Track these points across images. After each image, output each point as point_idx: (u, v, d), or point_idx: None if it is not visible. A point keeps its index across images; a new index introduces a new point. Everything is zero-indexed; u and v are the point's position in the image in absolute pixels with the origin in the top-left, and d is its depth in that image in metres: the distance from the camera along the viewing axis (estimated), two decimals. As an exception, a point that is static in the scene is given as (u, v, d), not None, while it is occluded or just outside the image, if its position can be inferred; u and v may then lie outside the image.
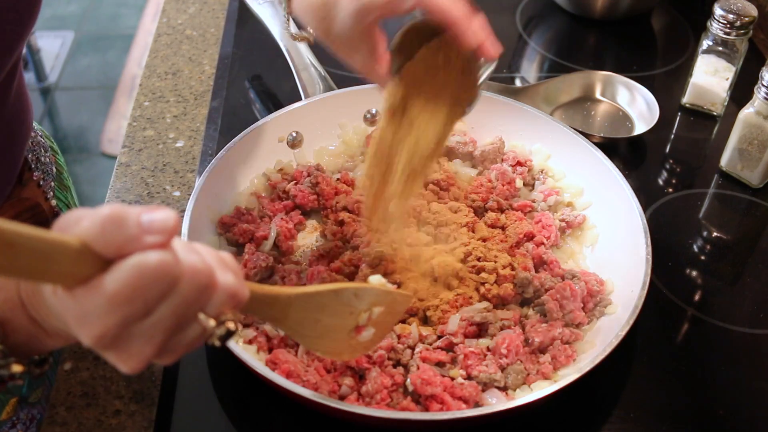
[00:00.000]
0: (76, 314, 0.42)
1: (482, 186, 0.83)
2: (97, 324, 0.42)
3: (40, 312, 0.47)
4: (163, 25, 1.15)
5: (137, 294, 0.41)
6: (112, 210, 0.41)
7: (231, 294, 0.45)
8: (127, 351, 0.44)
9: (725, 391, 0.70)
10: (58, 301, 0.43)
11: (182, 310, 0.43)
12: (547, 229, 0.79)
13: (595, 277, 0.75)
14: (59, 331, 0.48)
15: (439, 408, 0.63)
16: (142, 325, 0.43)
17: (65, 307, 0.42)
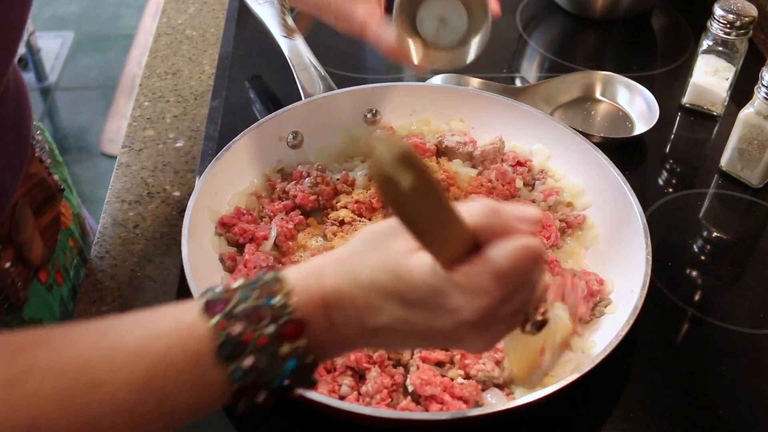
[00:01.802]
0: (468, 287, 0.45)
1: (482, 186, 0.83)
2: (486, 298, 0.45)
3: (347, 312, 0.47)
4: (163, 25, 1.15)
5: (517, 275, 0.45)
6: (488, 202, 0.46)
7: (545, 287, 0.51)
8: (488, 327, 0.47)
9: (725, 391, 0.70)
10: (436, 280, 0.45)
11: (531, 294, 0.48)
12: (547, 229, 0.79)
13: (595, 276, 0.75)
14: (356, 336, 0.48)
15: (439, 408, 0.63)
16: (508, 306, 0.46)
17: (449, 285, 0.45)
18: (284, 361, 0.45)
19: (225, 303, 0.46)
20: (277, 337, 0.45)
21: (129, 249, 0.81)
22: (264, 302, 0.46)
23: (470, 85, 1.00)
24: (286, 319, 0.45)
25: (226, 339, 0.44)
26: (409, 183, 0.40)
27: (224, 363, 0.45)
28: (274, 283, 0.47)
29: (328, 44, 1.10)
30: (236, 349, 0.45)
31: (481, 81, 1.00)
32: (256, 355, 0.45)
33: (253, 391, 0.46)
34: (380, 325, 0.47)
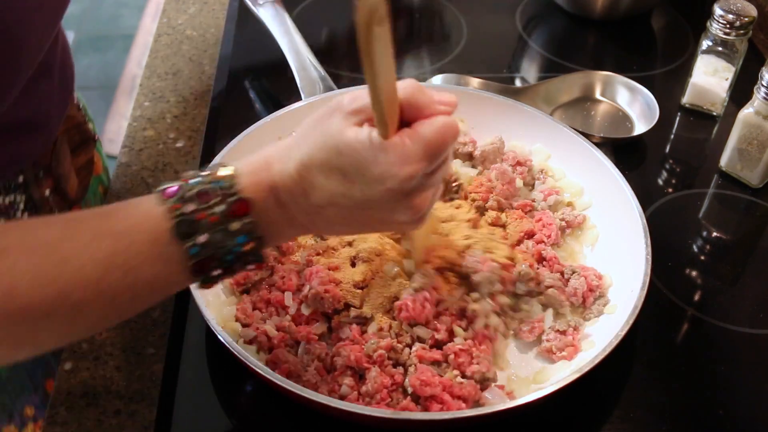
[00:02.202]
0: (398, 155, 0.51)
1: (482, 185, 0.83)
2: (414, 165, 0.51)
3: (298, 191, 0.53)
4: (164, 25, 1.15)
5: (441, 148, 0.52)
6: (411, 81, 0.53)
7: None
8: (415, 196, 0.53)
9: (725, 391, 0.70)
10: (371, 146, 0.51)
11: (447, 169, 0.55)
12: (547, 227, 0.79)
13: (593, 271, 0.75)
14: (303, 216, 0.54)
15: (439, 408, 0.63)
16: (432, 177, 0.53)
17: (384, 150, 0.51)
18: (235, 236, 0.52)
19: (178, 188, 0.52)
20: (227, 215, 0.51)
21: (129, 249, 0.80)
22: (214, 185, 0.52)
23: (470, 85, 1.00)
24: (234, 198, 0.51)
25: (182, 218, 0.51)
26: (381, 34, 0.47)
27: (181, 240, 0.51)
28: (222, 170, 0.53)
29: (328, 44, 1.11)
30: (191, 227, 0.51)
31: (481, 81, 1.00)
32: (210, 232, 0.51)
33: (209, 265, 0.52)
34: (324, 201, 0.53)
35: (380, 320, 0.69)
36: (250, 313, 0.70)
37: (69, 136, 0.80)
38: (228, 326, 0.69)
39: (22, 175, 0.72)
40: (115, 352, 0.71)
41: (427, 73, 1.06)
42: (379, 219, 0.55)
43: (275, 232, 0.55)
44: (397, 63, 0.56)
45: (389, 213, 0.54)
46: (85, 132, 0.85)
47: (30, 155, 0.73)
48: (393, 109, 0.52)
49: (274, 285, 0.73)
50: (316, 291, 0.69)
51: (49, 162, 0.76)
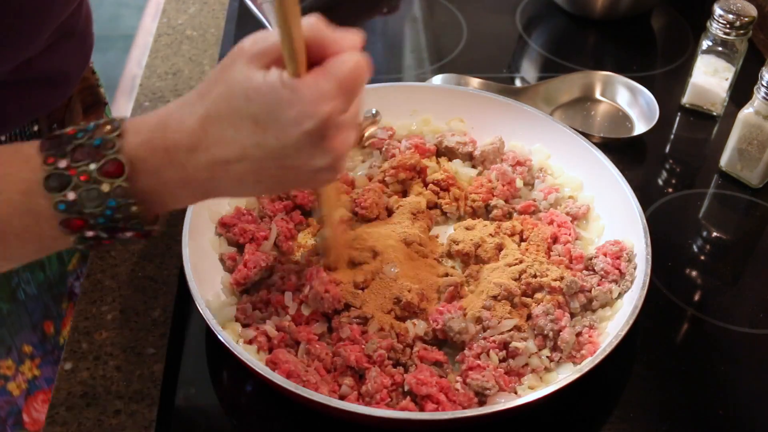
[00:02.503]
0: (313, 93, 0.47)
1: (482, 186, 0.83)
2: (329, 103, 0.48)
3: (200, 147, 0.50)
4: (164, 25, 1.15)
5: (355, 84, 0.49)
6: (315, 17, 0.50)
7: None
8: (332, 138, 0.50)
9: (725, 391, 0.70)
10: (285, 91, 0.48)
11: (359, 107, 0.52)
12: (565, 227, 0.79)
13: (607, 243, 0.75)
14: (203, 174, 0.51)
15: (434, 408, 0.63)
16: (346, 116, 0.50)
17: (296, 89, 0.47)
18: (105, 198, 0.49)
19: (59, 140, 0.50)
20: (97, 175, 0.49)
21: (129, 249, 0.81)
22: (93, 142, 0.49)
23: (470, 85, 1.00)
24: (108, 158, 0.49)
25: (54, 172, 0.49)
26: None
27: (50, 194, 0.49)
28: (106, 126, 0.50)
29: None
30: (61, 182, 0.49)
31: (481, 81, 1.00)
32: (78, 190, 0.49)
33: (77, 225, 0.50)
34: (233, 155, 0.50)
35: (381, 320, 0.70)
36: (250, 314, 0.70)
37: (82, 97, 0.84)
38: (228, 326, 0.69)
39: (37, 125, 0.75)
40: (115, 352, 0.71)
41: (427, 73, 1.06)
42: (295, 168, 0.51)
43: (166, 195, 0.52)
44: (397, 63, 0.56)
45: (307, 158, 0.50)
46: (98, 95, 0.89)
47: (45, 108, 0.75)
48: (301, 47, 0.48)
49: (274, 285, 0.73)
50: (317, 291, 0.69)
51: (62, 117, 0.79)
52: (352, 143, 0.53)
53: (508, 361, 0.67)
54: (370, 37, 1.20)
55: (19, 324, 0.81)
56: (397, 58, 1.12)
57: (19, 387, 0.84)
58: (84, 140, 0.50)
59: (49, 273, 0.83)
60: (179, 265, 0.78)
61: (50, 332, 0.84)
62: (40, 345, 0.83)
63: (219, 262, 0.76)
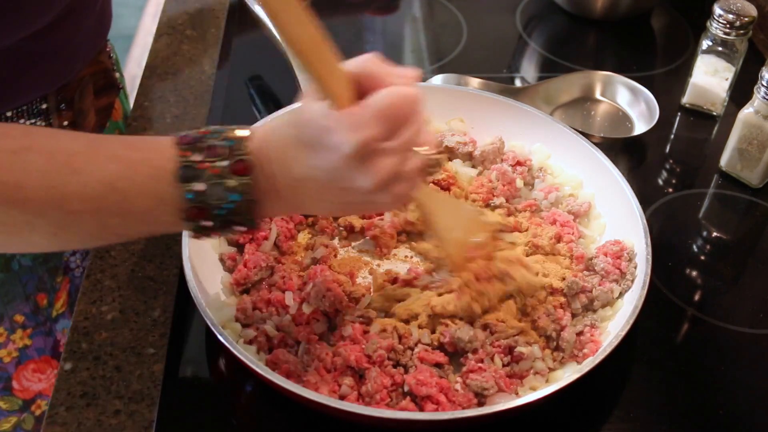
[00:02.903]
0: (349, 123, 0.53)
1: (482, 186, 0.83)
2: (365, 131, 0.53)
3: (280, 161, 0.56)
4: (163, 25, 1.15)
5: (394, 113, 0.54)
6: (369, 55, 0.57)
7: (432, 133, 0.61)
8: (374, 163, 0.54)
9: (725, 391, 0.70)
10: (326, 121, 0.53)
11: (414, 137, 0.56)
12: (568, 226, 0.79)
13: (608, 243, 0.75)
14: (286, 188, 0.57)
15: (434, 408, 0.63)
16: (388, 144, 0.54)
17: (337, 119, 0.53)
18: (230, 192, 0.55)
19: (193, 138, 0.55)
20: (227, 171, 0.55)
21: (129, 249, 0.81)
22: (225, 143, 0.55)
23: (470, 85, 1.00)
24: (238, 158, 0.55)
25: (186, 164, 0.54)
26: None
27: (180, 183, 0.54)
28: (238, 131, 0.56)
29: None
30: (192, 174, 0.54)
31: (481, 81, 1.00)
32: (208, 183, 0.54)
33: (200, 214, 0.55)
34: (302, 174, 0.56)
35: (383, 321, 0.70)
36: (250, 314, 0.70)
37: (95, 79, 0.86)
38: (228, 326, 0.69)
39: (46, 102, 0.77)
40: (115, 352, 0.71)
41: (427, 73, 1.06)
42: (348, 190, 0.56)
43: (266, 201, 0.57)
44: (397, 63, 0.57)
45: (352, 181, 0.55)
46: (111, 78, 0.91)
47: (55, 82, 0.77)
48: (335, 81, 0.54)
49: (275, 285, 0.73)
50: (319, 288, 0.69)
51: (72, 96, 0.81)
52: (405, 171, 0.57)
53: (512, 365, 0.67)
54: (370, 37, 1.20)
55: (13, 294, 0.82)
56: (397, 58, 1.12)
57: (10, 354, 0.85)
58: (217, 140, 0.55)
59: None
60: (179, 265, 0.78)
61: (43, 304, 0.85)
62: (33, 316, 0.85)
63: (219, 262, 0.76)
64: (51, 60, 0.75)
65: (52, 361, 0.88)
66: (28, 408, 0.89)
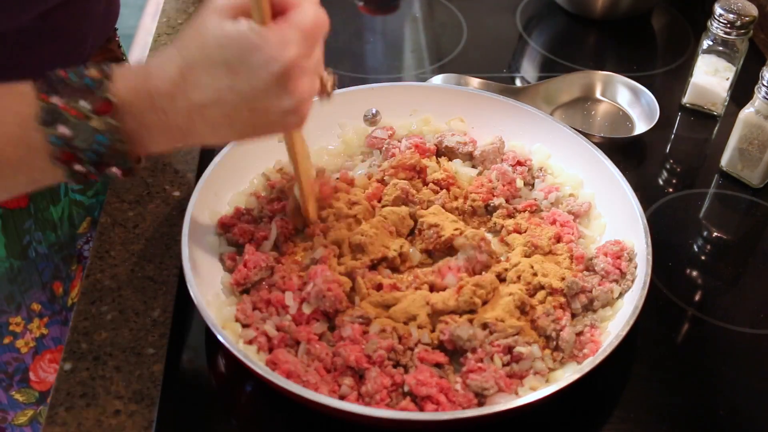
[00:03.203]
0: (277, 40, 0.52)
1: (483, 186, 0.83)
2: (293, 48, 0.53)
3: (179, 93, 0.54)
4: (163, 24, 1.15)
5: (316, 31, 0.55)
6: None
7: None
8: (295, 81, 0.54)
9: (725, 391, 0.70)
10: (253, 37, 0.52)
11: (320, 56, 0.57)
12: (568, 226, 0.79)
13: (608, 243, 0.75)
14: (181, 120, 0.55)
15: (434, 408, 0.63)
16: (309, 62, 0.55)
17: (263, 37, 0.52)
18: (94, 134, 0.54)
19: (53, 80, 0.54)
20: (88, 112, 0.53)
21: (129, 249, 0.80)
22: (84, 82, 0.54)
23: (470, 85, 1.00)
24: (99, 96, 0.53)
25: (46, 107, 0.53)
26: None
27: (44, 127, 0.53)
28: (98, 69, 0.55)
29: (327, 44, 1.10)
30: (53, 117, 0.53)
31: (481, 81, 1.00)
32: (70, 125, 0.53)
33: (69, 158, 0.54)
34: (208, 99, 0.54)
35: (383, 321, 0.69)
36: (250, 314, 0.70)
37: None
38: (228, 326, 0.69)
39: None
40: (114, 352, 0.71)
41: (427, 73, 1.06)
42: (264, 111, 0.55)
43: (147, 138, 0.56)
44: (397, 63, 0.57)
45: (274, 100, 0.54)
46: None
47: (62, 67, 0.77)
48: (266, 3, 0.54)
49: (275, 285, 0.73)
50: (320, 288, 0.69)
51: None
52: (316, 88, 0.59)
53: (512, 365, 0.67)
54: (370, 37, 1.20)
55: (30, 282, 0.82)
56: (397, 58, 1.12)
57: (27, 345, 0.85)
58: (76, 81, 0.54)
59: (60, 234, 0.85)
60: (179, 266, 0.78)
61: (59, 293, 0.86)
62: (49, 304, 0.85)
63: (219, 262, 0.76)
64: (60, 42, 0.75)
65: None
66: (44, 401, 0.90)
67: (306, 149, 0.74)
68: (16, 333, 0.84)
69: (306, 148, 0.74)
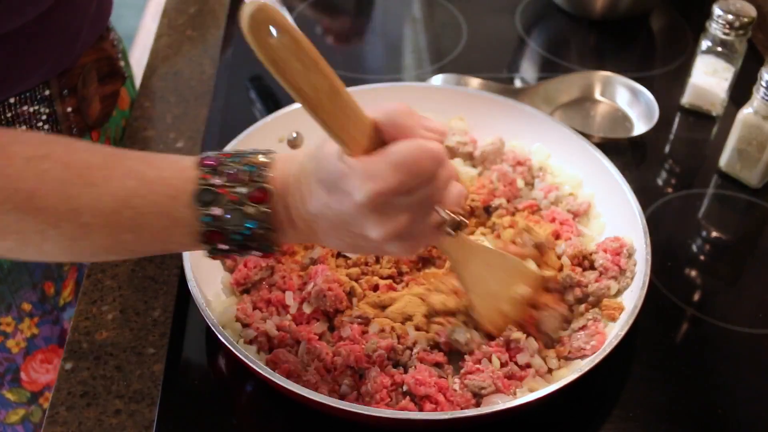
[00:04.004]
0: (363, 172, 0.51)
1: (483, 188, 0.83)
2: (379, 183, 0.50)
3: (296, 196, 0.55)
4: (164, 25, 1.16)
5: (414, 168, 0.51)
6: (400, 104, 0.53)
7: (461, 193, 0.56)
8: (389, 216, 0.52)
9: (725, 391, 0.71)
10: (342, 164, 0.52)
11: (435, 194, 0.54)
12: (567, 224, 0.79)
13: (608, 240, 0.75)
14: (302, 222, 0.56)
15: (433, 408, 0.63)
16: (405, 199, 0.52)
17: (351, 167, 0.51)
18: (247, 219, 0.54)
19: (215, 161, 0.55)
20: (246, 198, 0.54)
21: (129, 249, 0.81)
22: (246, 168, 0.55)
23: (470, 85, 1.00)
24: (258, 186, 0.54)
25: (206, 187, 0.54)
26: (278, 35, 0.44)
27: (198, 206, 0.54)
28: (260, 157, 0.56)
29: (328, 44, 1.11)
30: (211, 198, 0.54)
31: (481, 81, 1.00)
32: (225, 208, 0.54)
33: (216, 237, 0.55)
34: (316, 210, 0.55)
35: (381, 321, 0.70)
36: (251, 313, 0.70)
37: (98, 66, 0.85)
38: (228, 326, 0.69)
39: (49, 89, 0.77)
40: (115, 351, 0.72)
41: (427, 73, 1.06)
42: (357, 235, 0.55)
43: (283, 230, 0.57)
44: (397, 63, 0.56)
45: (362, 228, 0.54)
46: (115, 66, 0.91)
47: (54, 68, 0.77)
48: (349, 128, 0.51)
49: (275, 285, 0.73)
50: (320, 288, 0.70)
51: (75, 83, 0.81)
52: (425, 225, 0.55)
53: (510, 365, 0.67)
54: (370, 37, 1.20)
55: (20, 282, 0.82)
56: (397, 58, 1.12)
57: (18, 345, 0.85)
58: (239, 165, 0.55)
59: None
60: (179, 265, 0.78)
61: (50, 293, 0.85)
62: (40, 304, 0.84)
63: (219, 262, 0.76)
64: (51, 44, 0.75)
65: (60, 351, 0.88)
66: (36, 401, 0.90)
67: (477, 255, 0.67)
68: (7, 333, 0.83)
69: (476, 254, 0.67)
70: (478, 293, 0.67)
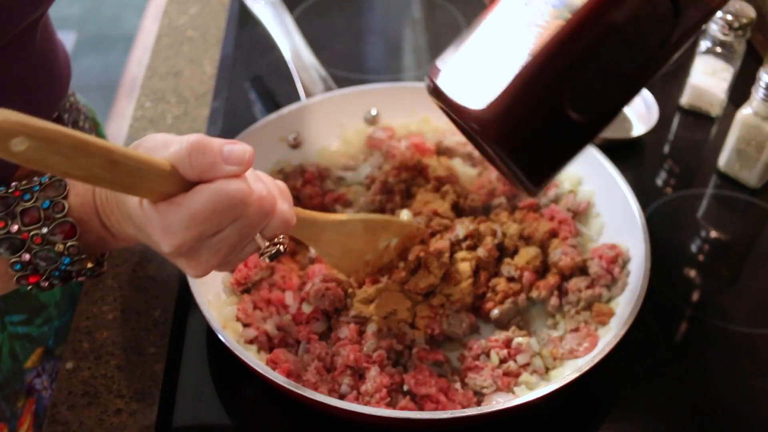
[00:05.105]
0: (160, 225, 0.48)
1: (483, 187, 0.83)
2: (178, 236, 0.49)
3: (110, 218, 0.53)
4: (164, 26, 1.16)
5: (215, 215, 0.48)
6: (197, 138, 0.48)
7: (285, 220, 0.53)
8: (196, 260, 0.51)
9: (724, 390, 0.71)
10: (142, 213, 0.49)
11: (246, 231, 0.51)
12: (566, 223, 0.79)
13: (604, 246, 0.76)
14: (126, 237, 0.54)
15: (434, 408, 0.63)
16: (213, 240, 0.50)
17: (149, 218, 0.49)
18: (59, 257, 0.53)
19: (6, 203, 0.52)
20: (50, 237, 0.52)
21: (129, 249, 0.81)
22: (41, 204, 0.52)
23: (470, 85, 1.00)
24: (59, 221, 0.52)
25: (6, 236, 0.51)
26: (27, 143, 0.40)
27: (7, 255, 0.52)
28: (52, 189, 0.53)
29: (328, 45, 1.11)
30: (15, 246, 0.52)
31: (480, 82, 1.00)
32: (33, 252, 0.52)
33: (34, 279, 0.53)
34: (133, 233, 0.53)
35: (379, 321, 0.70)
36: (251, 313, 0.70)
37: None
38: (228, 326, 0.69)
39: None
40: (116, 351, 0.72)
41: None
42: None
43: (104, 246, 0.55)
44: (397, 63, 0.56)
45: (178, 263, 0.52)
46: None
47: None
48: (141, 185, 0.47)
49: (275, 284, 0.73)
50: (319, 287, 0.70)
51: None
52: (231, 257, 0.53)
53: (509, 362, 0.68)
54: (370, 37, 1.20)
55: None
56: (397, 58, 1.13)
57: None
58: (32, 203, 0.52)
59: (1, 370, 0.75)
60: (180, 265, 0.78)
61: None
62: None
63: (219, 262, 0.76)
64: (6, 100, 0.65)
65: None
66: None
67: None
68: None
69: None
70: (334, 255, 0.69)
